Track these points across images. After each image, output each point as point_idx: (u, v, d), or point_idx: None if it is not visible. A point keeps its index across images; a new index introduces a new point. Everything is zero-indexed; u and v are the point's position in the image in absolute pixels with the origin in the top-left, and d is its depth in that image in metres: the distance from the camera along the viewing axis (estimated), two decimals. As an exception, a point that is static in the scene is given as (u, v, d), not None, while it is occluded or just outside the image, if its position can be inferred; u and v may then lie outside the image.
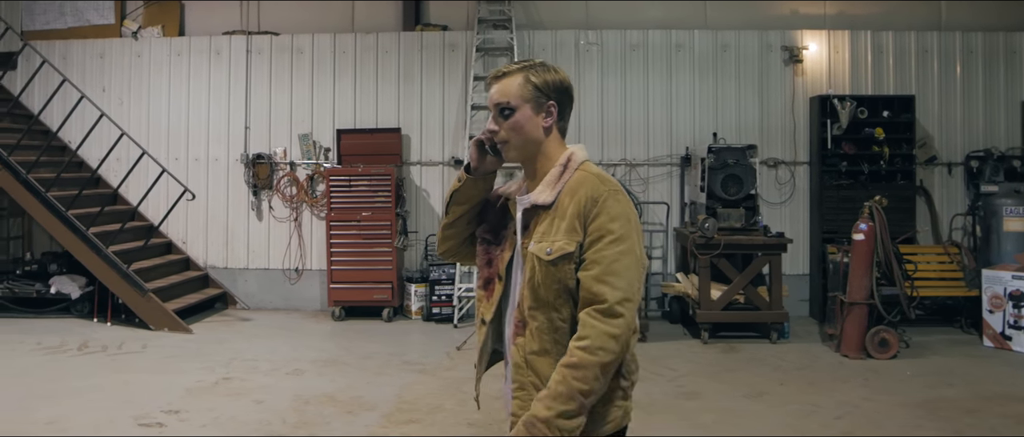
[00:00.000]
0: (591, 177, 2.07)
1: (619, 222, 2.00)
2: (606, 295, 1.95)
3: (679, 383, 6.17)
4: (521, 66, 2.13)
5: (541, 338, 2.05)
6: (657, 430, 5.14)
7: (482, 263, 2.26)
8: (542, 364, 2.05)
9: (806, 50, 8.27)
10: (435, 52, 8.59)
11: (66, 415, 5.36)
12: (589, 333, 1.95)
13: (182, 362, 6.75)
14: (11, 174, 7.96)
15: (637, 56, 8.47)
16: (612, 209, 2.01)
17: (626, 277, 1.98)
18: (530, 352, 2.06)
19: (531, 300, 2.06)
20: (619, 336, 1.95)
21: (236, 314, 8.62)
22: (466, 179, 2.22)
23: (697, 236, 7.19)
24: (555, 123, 2.13)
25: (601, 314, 1.95)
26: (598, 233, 2.00)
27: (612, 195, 2.03)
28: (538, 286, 2.04)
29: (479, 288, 2.27)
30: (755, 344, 7.30)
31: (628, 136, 8.46)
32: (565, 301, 2.03)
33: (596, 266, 1.98)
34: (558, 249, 2.01)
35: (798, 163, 8.34)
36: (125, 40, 9.00)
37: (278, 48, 8.76)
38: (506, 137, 2.12)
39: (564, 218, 2.03)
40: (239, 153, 8.76)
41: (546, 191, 2.08)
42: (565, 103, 2.16)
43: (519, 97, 2.09)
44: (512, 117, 2.10)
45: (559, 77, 2.14)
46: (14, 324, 8.00)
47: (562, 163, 2.11)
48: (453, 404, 5.67)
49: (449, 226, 2.31)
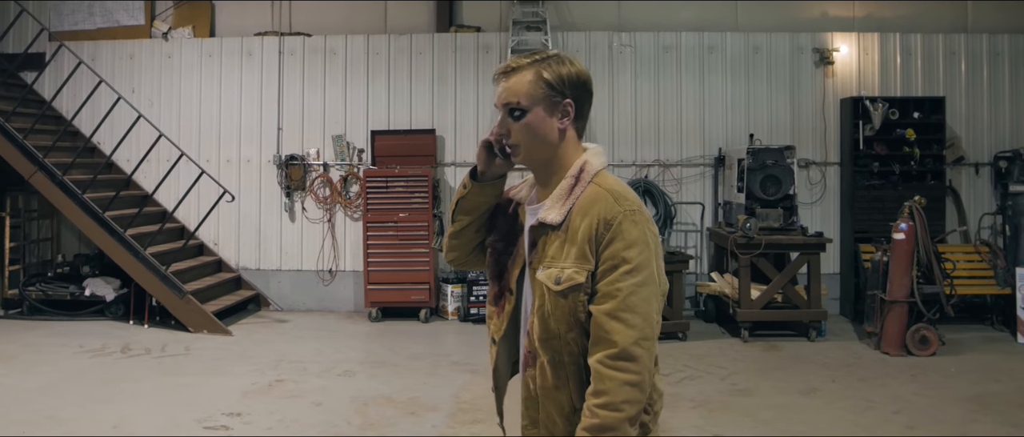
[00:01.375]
0: (605, 194, 1.85)
1: (636, 248, 1.81)
2: (618, 336, 1.77)
3: (731, 381, 6.26)
4: (532, 60, 1.89)
5: (553, 373, 1.88)
6: (721, 428, 5.21)
7: (492, 274, 2.06)
8: (554, 399, 1.89)
9: (837, 52, 8.39)
10: (469, 53, 8.62)
11: (129, 419, 5.35)
12: (607, 387, 1.76)
13: (229, 365, 6.75)
14: (47, 176, 7.91)
15: (670, 58, 8.55)
16: (628, 234, 1.81)
17: (642, 312, 1.79)
18: (542, 386, 1.91)
19: (540, 331, 1.88)
20: (640, 382, 1.78)
21: (270, 315, 8.61)
22: (472, 186, 2.00)
23: (738, 236, 7.28)
24: (572, 124, 1.92)
25: (614, 360, 1.77)
26: (612, 261, 1.80)
27: (628, 217, 1.82)
28: (548, 317, 1.86)
29: (490, 303, 2.08)
30: (795, 342, 7.40)
31: (661, 137, 8.55)
32: (577, 333, 1.85)
33: (610, 300, 1.79)
34: (568, 278, 1.83)
35: (829, 163, 8.46)
36: (155, 41, 8.96)
37: (311, 49, 8.76)
38: (517, 140, 1.90)
39: (574, 242, 1.83)
40: (272, 154, 8.75)
41: (555, 209, 1.88)
42: (583, 100, 1.93)
43: (530, 96, 1.87)
44: (523, 118, 1.88)
45: (575, 70, 1.91)
46: (51, 327, 7.95)
47: (574, 174, 1.89)
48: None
49: (455, 235, 2.10)
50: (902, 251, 6.82)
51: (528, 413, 1.96)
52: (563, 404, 1.88)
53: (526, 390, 1.95)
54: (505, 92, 1.89)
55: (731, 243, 7.32)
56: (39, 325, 8.04)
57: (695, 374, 6.41)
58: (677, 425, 5.26)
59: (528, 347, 1.93)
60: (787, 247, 7.42)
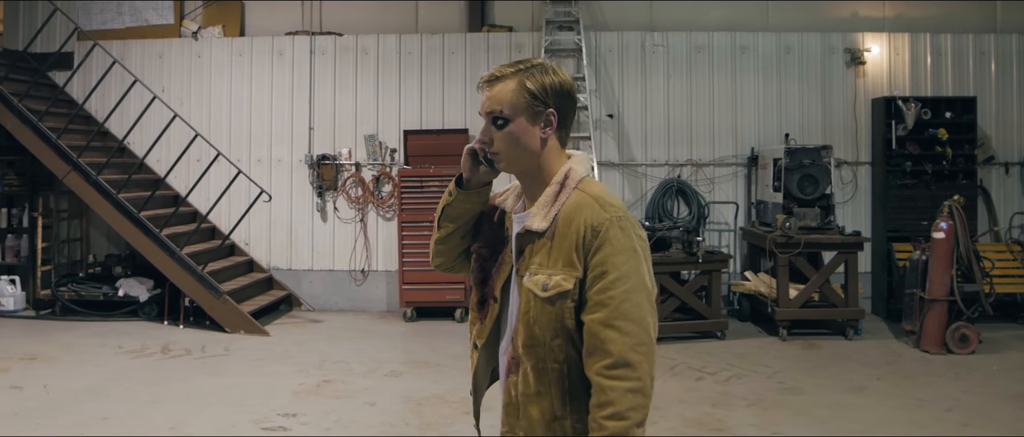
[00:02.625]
0: (590, 201, 1.85)
1: (624, 255, 1.80)
2: (613, 346, 1.76)
3: (778, 379, 6.29)
4: (516, 69, 1.90)
5: (536, 379, 1.87)
6: (778, 427, 5.25)
7: (476, 280, 2.05)
8: (535, 408, 1.88)
9: (869, 52, 8.45)
10: (501, 53, 8.63)
11: (184, 420, 5.35)
12: (612, 399, 1.75)
13: (272, 365, 6.74)
14: (81, 176, 7.87)
15: (702, 57, 8.59)
16: (616, 240, 1.80)
17: (636, 318, 1.78)
18: (524, 393, 1.89)
19: (525, 337, 1.87)
20: (642, 388, 1.77)
21: (303, 316, 8.60)
22: (458, 193, 2.00)
23: (777, 235, 7.32)
24: (554, 133, 1.91)
25: (613, 369, 1.76)
26: (601, 268, 1.80)
27: (615, 223, 1.82)
28: (533, 323, 1.86)
29: (472, 309, 2.07)
30: (832, 341, 7.45)
31: (694, 137, 8.59)
32: (562, 341, 1.84)
33: (602, 309, 1.78)
34: (555, 285, 1.83)
35: (860, 163, 8.52)
36: (185, 40, 8.93)
37: (342, 48, 8.75)
38: (499, 149, 1.90)
39: (561, 249, 1.83)
40: (303, 154, 8.73)
41: (540, 216, 1.88)
42: (567, 110, 1.93)
43: (513, 105, 1.87)
44: (506, 127, 1.88)
45: (559, 80, 1.91)
46: (85, 327, 7.92)
47: (559, 181, 1.89)
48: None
49: (441, 241, 2.09)
50: (942, 250, 6.87)
51: (508, 420, 1.95)
52: (544, 411, 1.87)
53: (508, 396, 1.94)
54: (488, 101, 1.90)
55: (769, 242, 7.35)
56: (74, 325, 8.00)
57: (741, 373, 6.45)
58: (735, 424, 5.29)
59: (511, 353, 1.92)
60: (825, 246, 7.47)
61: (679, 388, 6.06)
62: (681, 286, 7.43)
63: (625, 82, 8.61)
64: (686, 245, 7.31)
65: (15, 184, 8.73)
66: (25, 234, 8.77)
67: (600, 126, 8.49)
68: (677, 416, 5.43)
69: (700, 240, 7.28)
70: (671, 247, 7.38)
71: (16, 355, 6.91)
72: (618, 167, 8.59)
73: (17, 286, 8.48)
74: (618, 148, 8.60)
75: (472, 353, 2.07)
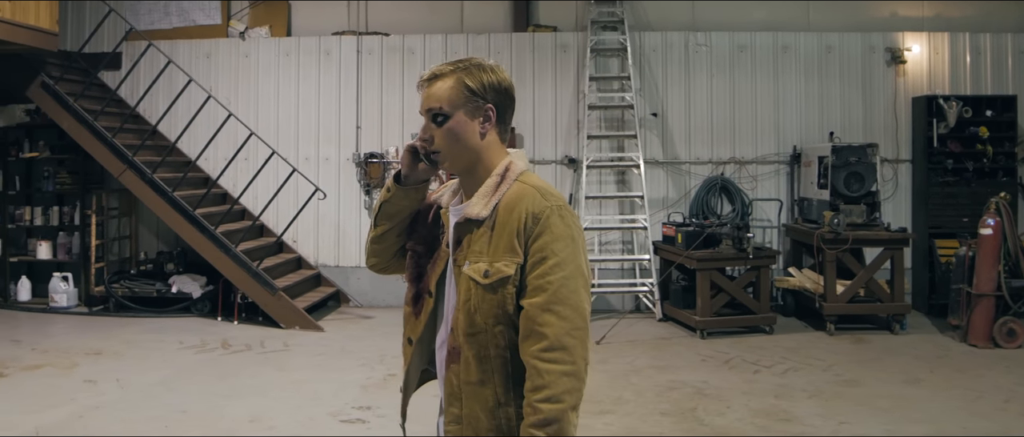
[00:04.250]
0: (531, 190, 1.89)
1: (563, 242, 1.85)
2: (549, 329, 1.80)
3: (834, 372, 6.42)
4: (454, 67, 1.96)
5: (478, 367, 1.88)
6: (842, 416, 5.37)
7: (411, 276, 2.07)
8: (479, 395, 1.89)
9: (909, 51, 8.58)
10: (547, 53, 8.75)
11: (262, 414, 5.46)
12: (547, 382, 1.78)
13: (334, 360, 6.86)
14: (137, 174, 7.99)
15: (745, 57, 8.72)
16: (556, 228, 1.85)
17: (573, 303, 1.82)
18: (466, 382, 1.90)
19: (466, 325, 1.89)
20: (577, 371, 1.80)
21: (353, 312, 8.72)
22: (396, 190, 2.03)
23: (825, 231, 7.45)
24: (493, 128, 1.96)
25: (548, 352, 1.79)
26: (540, 254, 1.84)
27: (556, 212, 1.87)
28: (474, 311, 1.87)
29: (407, 304, 2.08)
30: (878, 335, 7.57)
31: (736, 135, 8.72)
32: (504, 327, 1.87)
33: (541, 293, 1.82)
34: (496, 272, 1.86)
35: (900, 161, 8.65)
36: (232, 40, 9.05)
37: (389, 48, 8.88)
38: (440, 146, 1.94)
39: (502, 236, 1.87)
40: (350, 153, 8.86)
41: (480, 203, 1.91)
42: (505, 105, 1.98)
43: (452, 101, 1.92)
44: (446, 123, 1.92)
45: (497, 78, 1.97)
46: (141, 323, 8.04)
47: (500, 173, 1.93)
48: (631, 395, 5.87)
49: (377, 240, 2.11)
50: (990, 246, 7.00)
51: (451, 411, 1.94)
52: (487, 399, 1.88)
53: (450, 386, 1.94)
54: (428, 98, 1.94)
55: (817, 238, 7.48)
56: (129, 322, 8.12)
57: (796, 366, 6.58)
58: (801, 414, 5.41)
59: (451, 343, 1.93)
60: (873, 242, 7.59)
61: (739, 380, 6.19)
62: (731, 282, 7.56)
63: (669, 81, 8.74)
64: (736, 241, 7.44)
65: (67, 182, 8.85)
66: (77, 232, 8.89)
67: (645, 125, 8.61)
68: (743, 407, 5.55)
69: (751, 236, 7.41)
70: (721, 243, 7.50)
71: (81, 350, 7.03)
72: (662, 165, 8.72)
73: (70, 283, 8.59)
74: (662, 146, 8.73)
75: (405, 349, 2.08)
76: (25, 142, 8.99)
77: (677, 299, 7.88)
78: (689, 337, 7.52)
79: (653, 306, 8.17)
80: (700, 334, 7.42)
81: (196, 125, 8.33)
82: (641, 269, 8.44)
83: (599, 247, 8.64)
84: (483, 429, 1.90)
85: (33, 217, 8.96)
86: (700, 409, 5.53)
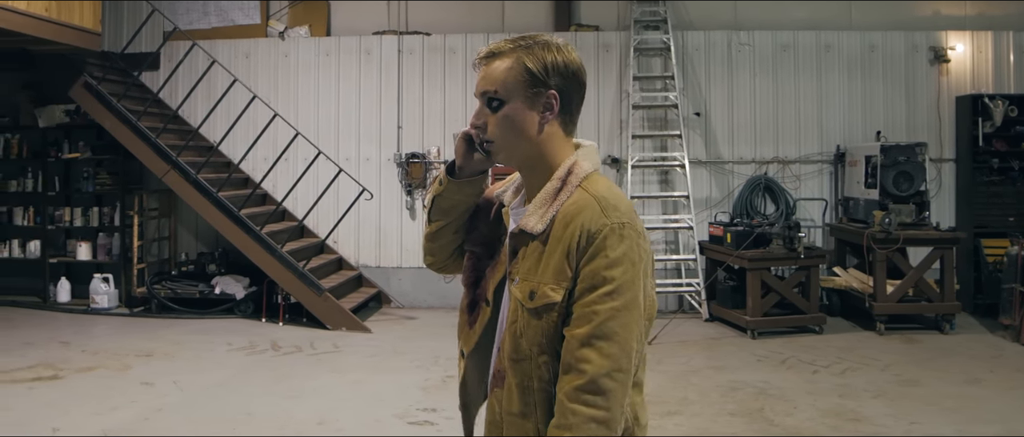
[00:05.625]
0: (592, 202, 1.62)
1: (620, 268, 1.58)
2: (588, 366, 1.56)
3: (893, 372, 6.39)
4: (515, 44, 1.68)
5: (520, 398, 1.68)
6: (912, 416, 5.34)
7: (468, 281, 1.85)
8: (520, 427, 1.68)
9: (953, 50, 8.56)
10: (589, 52, 8.73)
11: (329, 415, 5.42)
12: (571, 422, 1.56)
13: (388, 361, 6.82)
14: (181, 175, 7.96)
15: (788, 56, 8.70)
16: (613, 250, 1.58)
17: (620, 340, 1.56)
18: (507, 411, 1.70)
19: (511, 349, 1.68)
20: (610, 420, 1.56)
21: (395, 312, 8.68)
22: (449, 183, 1.79)
23: (876, 231, 7.43)
24: (556, 118, 1.69)
25: (581, 393, 1.56)
26: (592, 281, 1.59)
27: (615, 231, 1.59)
28: (520, 336, 1.66)
29: (462, 312, 1.86)
30: (929, 335, 7.55)
31: (779, 134, 8.70)
32: (549, 357, 1.64)
33: (585, 324, 1.58)
34: (542, 296, 1.62)
35: (944, 160, 8.63)
36: (271, 40, 9.01)
37: (430, 48, 8.84)
38: (494, 135, 1.69)
39: (553, 254, 1.62)
40: (392, 153, 8.83)
41: (536, 215, 1.66)
42: (572, 92, 1.70)
43: (508, 85, 1.66)
44: (501, 110, 1.67)
45: (564, 58, 1.68)
46: (184, 324, 8.00)
47: (561, 176, 1.67)
48: (694, 395, 5.84)
49: (432, 237, 1.89)
50: (1044, 245, 6.99)
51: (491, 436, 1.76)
52: (528, 432, 1.67)
53: (491, 413, 1.75)
54: (483, 80, 1.69)
55: (867, 238, 7.46)
56: (172, 323, 8.08)
57: (853, 366, 6.55)
58: (870, 414, 5.39)
59: (498, 365, 1.73)
60: (923, 242, 7.57)
61: (800, 380, 6.16)
62: (781, 281, 7.53)
63: (711, 80, 8.72)
64: (787, 241, 7.42)
65: (107, 183, 8.81)
66: (116, 233, 8.85)
67: (688, 124, 8.59)
68: (810, 407, 5.53)
69: (802, 236, 7.39)
70: (771, 243, 7.48)
71: (131, 351, 6.99)
72: (705, 164, 8.70)
73: (110, 284, 8.55)
74: (705, 146, 8.70)
75: (459, 362, 1.88)
76: (65, 143, 8.95)
77: (725, 299, 7.86)
78: (739, 337, 7.50)
79: (699, 306, 8.14)
80: (751, 334, 7.39)
81: (236, 126, 8.28)
82: (687, 269, 8.41)
83: (643, 247, 8.60)
84: None
85: (73, 218, 8.92)
86: (767, 409, 5.50)
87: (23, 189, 9.05)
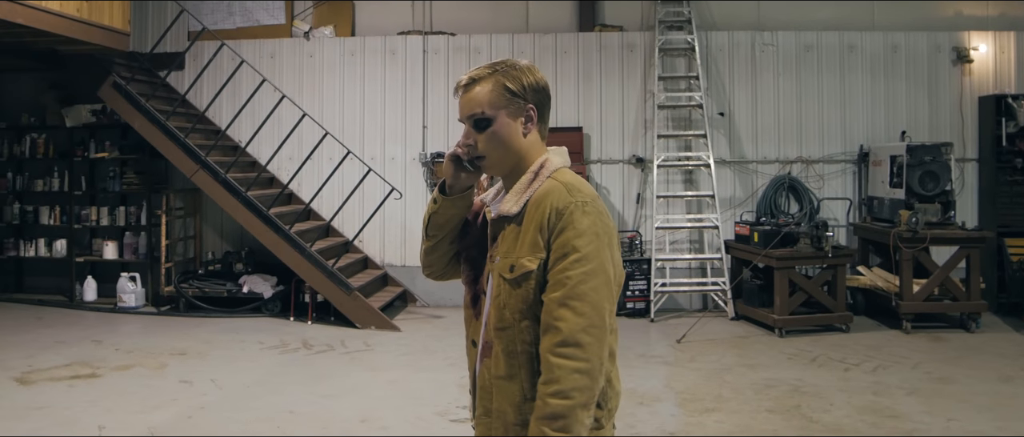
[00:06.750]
0: (559, 186, 1.88)
1: (586, 237, 1.82)
2: (564, 324, 1.78)
3: (924, 370, 6.45)
4: (491, 70, 1.95)
5: (507, 362, 1.90)
6: (948, 414, 5.40)
7: (468, 279, 2.08)
8: (507, 390, 1.90)
9: (976, 51, 8.62)
10: (613, 52, 8.77)
11: (371, 413, 5.46)
12: (557, 376, 1.77)
13: (422, 359, 6.87)
14: (210, 174, 7.99)
15: (811, 56, 8.75)
16: (579, 223, 1.83)
17: (591, 301, 1.80)
18: (495, 377, 1.92)
19: (496, 320, 1.92)
20: (590, 369, 1.78)
21: (421, 311, 8.73)
22: (443, 200, 2.02)
23: (903, 230, 7.48)
24: (535, 128, 1.96)
25: (562, 347, 1.78)
26: (562, 250, 1.83)
27: (579, 207, 1.84)
28: (503, 307, 1.90)
29: (467, 307, 2.08)
30: (955, 334, 7.60)
31: (803, 134, 8.75)
32: (530, 322, 1.88)
33: (560, 288, 1.81)
34: (520, 267, 1.87)
35: (966, 160, 8.68)
36: (296, 40, 9.04)
37: (455, 48, 8.89)
38: (484, 150, 1.93)
39: (528, 232, 1.87)
40: (417, 152, 8.87)
41: (512, 200, 1.92)
42: (544, 105, 1.99)
43: (493, 104, 1.91)
44: (490, 128, 1.92)
45: (535, 78, 1.97)
46: (213, 323, 8.04)
47: (534, 170, 1.93)
48: (729, 393, 5.89)
49: (430, 251, 2.13)
50: (1071, 244, 7.05)
51: (482, 403, 1.97)
52: (515, 394, 1.89)
53: (481, 380, 1.97)
54: (468, 104, 1.94)
55: (894, 237, 7.51)
56: (201, 322, 8.12)
57: (884, 364, 6.60)
58: (906, 411, 5.44)
59: (485, 338, 1.96)
60: (950, 241, 7.63)
61: (833, 378, 6.21)
62: (808, 280, 7.59)
63: (735, 81, 8.77)
64: (815, 240, 7.47)
65: (134, 182, 8.85)
66: (143, 232, 8.88)
67: (712, 124, 8.64)
68: (846, 404, 5.58)
69: (830, 235, 7.44)
70: (798, 242, 7.53)
71: (165, 350, 7.03)
72: (729, 164, 8.75)
73: (138, 283, 8.59)
74: (729, 145, 8.75)
75: (470, 351, 2.08)
76: (90, 142, 8.98)
77: (751, 298, 7.91)
78: (767, 335, 7.55)
79: (725, 304, 8.19)
80: (778, 332, 7.45)
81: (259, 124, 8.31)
82: (712, 268, 8.46)
83: (669, 246, 8.66)
84: (511, 423, 1.91)
85: (99, 217, 8.95)
86: (804, 406, 5.55)
87: (49, 188, 9.09)
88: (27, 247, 9.19)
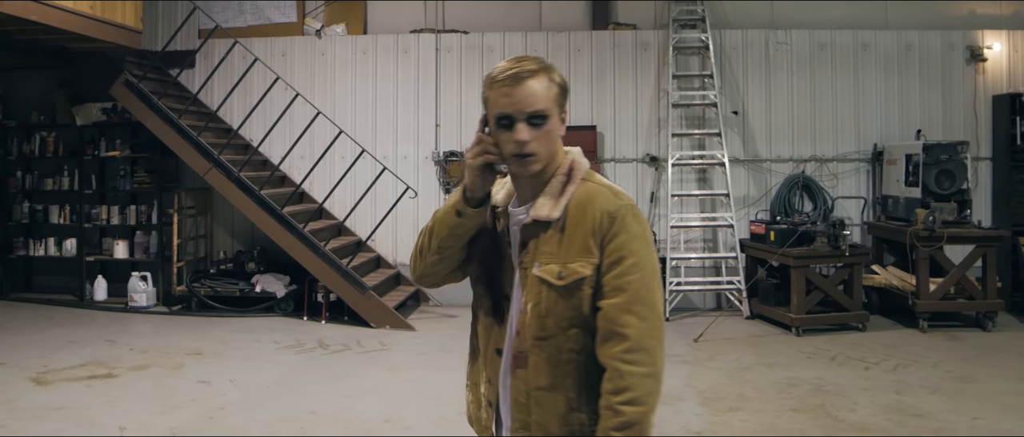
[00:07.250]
0: (603, 190, 1.84)
1: (639, 241, 1.80)
2: (631, 330, 1.74)
3: (944, 368, 6.43)
4: (538, 65, 1.83)
5: (549, 372, 1.82)
6: (973, 412, 5.38)
7: (485, 284, 1.97)
8: (548, 401, 1.82)
9: (989, 49, 8.62)
10: (627, 51, 8.75)
11: (393, 413, 5.43)
12: (630, 383, 1.73)
13: (440, 359, 6.83)
14: (222, 173, 7.94)
15: (825, 55, 8.74)
16: (632, 227, 1.80)
17: (651, 304, 1.78)
18: (536, 387, 1.83)
19: (537, 329, 1.82)
20: (658, 373, 1.77)
21: (435, 311, 8.69)
22: (470, 212, 1.89)
23: (920, 229, 7.47)
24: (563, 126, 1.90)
25: (631, 354, 1.74)
26: (618, 255, 1.79)
27: (630, 211, 1.82)
28: (546, 315, 1.81)
29: (486, 314, 1.97)
30: (971, 332, 7.59)
31: (817, 133, 8.73)
32: (578, 330, 1.81)
33: (621, 294, 1.77)
34: (571, 273, 1.79)
35: (980, 159, 8.68)
36: (308, 38, 9.00)
37: (468, 46, 8.85)
38: (536, 149, 1.80)
39: (575, 236, 1.81)
40: (429, 151, 8.83)
41: (549, 204, 1.83)
42: None
43: (548, 101, 1.81)
44: (544, 125, 1.81)
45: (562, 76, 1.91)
46: (226, 323, 7.99)
47: (565, 172, 1.86)
48: (752, 392, 5.87)
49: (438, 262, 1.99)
50: (1088, 243, 7.05)
51: (519, 416, 1.87)
52: (558, 404, 1.82)
53: (516, 392, 1.87)
54: (527, 98, 1.79)
55: (910, 236, 7.50)
56: (213, 321, 8.07)
57: (903, 362, 6.59)
58: (930, 410, 5.42)
59: (517, 348, 1.86)
60: (966, 240, 7.62)
61: (853, 377, 6.20)
62: (825, 279, 7.57)
63: (749, 79, 8.75)
64: (832, 239, 7.45)
65: (145, 181, 8.79)
66: (153, 231, 8.83)
67: (726, 123, 8.61)
68: (869, 403, 5.56)
69: (847, 234, 7.43)
70: (814, 241, 7.51)
71: (180, 349, 6.99)
72: (743, 163, 8.73)
73: (149, 282, 8.53)
74: (743, 144, 8.74)
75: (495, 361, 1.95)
76: (100, 141, 8.93)
77: (767, 297, 7.89)
78: (783, 334, 7.53)
79: (740, 303, 8.17)
80: (795, 331, 7.43)
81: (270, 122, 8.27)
82: (727, 267, 8.44)
83: (683, 245, 8.63)
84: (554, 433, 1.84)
85: (109, 216, 8.89)
86: (828, 405, 5.53)
87: (59, 187, 9.04)
88: (37, 246, 9.13)
